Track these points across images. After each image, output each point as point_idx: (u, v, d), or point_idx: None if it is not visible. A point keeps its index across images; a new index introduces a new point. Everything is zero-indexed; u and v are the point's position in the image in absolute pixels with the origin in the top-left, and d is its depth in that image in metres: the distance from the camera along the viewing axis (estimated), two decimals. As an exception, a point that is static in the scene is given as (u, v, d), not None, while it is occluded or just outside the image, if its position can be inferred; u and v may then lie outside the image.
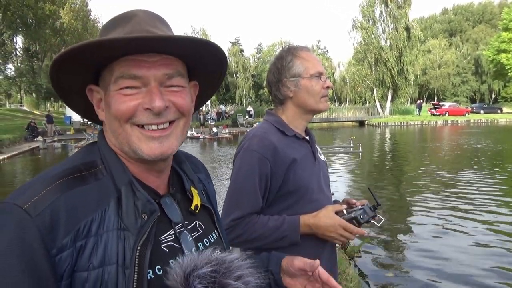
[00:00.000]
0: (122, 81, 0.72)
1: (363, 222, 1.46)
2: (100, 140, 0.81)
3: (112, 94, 0.73)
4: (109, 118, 0.75)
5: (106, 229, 0.68)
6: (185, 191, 0.87)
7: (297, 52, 1.55)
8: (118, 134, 0.75)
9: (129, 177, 0.75)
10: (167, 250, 0.76)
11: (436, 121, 36.35)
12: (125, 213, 0.70)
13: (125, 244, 0.69)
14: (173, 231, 0.79)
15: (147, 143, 0.74)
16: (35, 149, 20.01)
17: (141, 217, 0.71)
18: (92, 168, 0.74)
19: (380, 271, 4.88)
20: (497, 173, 11.25)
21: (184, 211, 0.84)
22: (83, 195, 0.68)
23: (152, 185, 0.80)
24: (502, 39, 44.91)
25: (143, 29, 0.73)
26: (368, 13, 40.75)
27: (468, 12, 78.09)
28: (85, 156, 0.77)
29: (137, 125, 0.74)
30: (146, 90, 0.73)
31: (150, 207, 0.73)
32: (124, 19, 0.75)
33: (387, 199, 8.53)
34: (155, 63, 0.72)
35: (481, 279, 4.55)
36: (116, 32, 0.74)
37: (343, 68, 71.26)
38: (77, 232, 0.65)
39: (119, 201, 0.71)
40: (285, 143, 1.50)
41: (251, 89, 54.21)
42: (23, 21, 37.74)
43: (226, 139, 24.36)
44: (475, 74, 68.44)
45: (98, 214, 0.68)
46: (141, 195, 0.73)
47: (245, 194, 1.44)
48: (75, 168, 0.72)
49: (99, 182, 0.72)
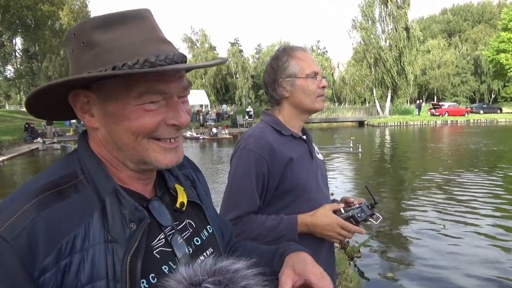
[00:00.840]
0: (147, 96, 0.68)
1: (360, 221, 1.47)
2: (80, 148, 0.76)
3: (129, 107, 0.68)
4: (118, 130, 0.70)
5: (92, 243, 0.64)
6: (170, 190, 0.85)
7: (292, 52, 1.55)
8: (129, 147, 0.71)
9: (114, 185, 0.70)
10: (159, 256, 0.73)
11: (435, 121, 36.34)
12: (111, 224, 0.66)
13: (114, 257, 0.65)
14: (163, 234, 0.76)
15: (165, 155, 0.73)
16: (35, 151, 20.01)
17: (129, 227, 0.67)
18: (71, 180, 0.69)
19: (380, 271, 4.88)
20: (496, 174, 11.26)
21: (173, 211, 0.81)
22: (62, 211, 0.64)
23: (139, 191, 0.77)
24: (501, 39, 44.91)
25: (159, 37, 0.71)
26: (368, 13, 40.77)
27: (467, 12, 78.15)
28: (64, 167, 0.72)
29: (153, 137, 0.71)
30: (166, 104, 0.71)
31: (138, 214, 0.69)
32: (135, 16, 0.70)
33: (386, 199, 8.54)
34: (175, 76, 0.71)
35: (481, 280, 4.55)
36: (125, 30, 0.68)
37: (342, 68, 71.39)
38: (59, 251, 0.61)
39: (104, 211, 0.67)
40: (282, 143, 1.51)
41: (250, 90, 54.31)
42: (22, 22, 37.82)
43: (226, 139, 24.38)
44: (475, 74, 68.48)
45: (81, 229, 0.64)
46: (128, 203, 0.69)
47: (242, 194, 1.44)
48: (52, 183, 0.67)
49: (80, 194, 0.67)
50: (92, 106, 0.72)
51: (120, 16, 0.69)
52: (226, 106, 43.64)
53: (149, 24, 0.71)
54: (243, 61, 56.42)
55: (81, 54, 0.69)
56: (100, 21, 0.68)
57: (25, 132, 23.70)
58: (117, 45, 0.67)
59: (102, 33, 0.67)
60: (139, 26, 0.69)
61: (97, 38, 0.67)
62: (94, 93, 0.70)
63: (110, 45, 0.67)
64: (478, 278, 4.57)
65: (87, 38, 0.68)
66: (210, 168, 13.30)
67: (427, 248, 5.53)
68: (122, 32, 0.68)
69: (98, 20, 0.68)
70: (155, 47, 0.68)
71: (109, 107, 0.69)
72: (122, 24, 0.68)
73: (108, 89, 0.69)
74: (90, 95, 0.71)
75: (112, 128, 0.71)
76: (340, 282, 3.86)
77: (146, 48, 0.67)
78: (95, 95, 0.70)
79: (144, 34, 0.69)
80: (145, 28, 0.70)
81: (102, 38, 0.67)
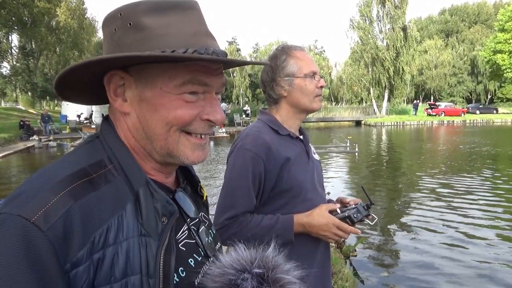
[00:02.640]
0: (190, 86, 0.67)
1: (356, 221, 1.47)
2: (107, 134, 0.72)
3: (169, 96, 0.66)
4: (152, 118, 0.68)
5: (126, 236, 0.62)
6: (191, 183, 0.86)
7: (291, 51, 1.55)
8: (160, 138, 0.69)
9: (145, 177, 0.68)
10: (184, 249, 0.72)
11: (432, 121, 36.47)
12: (145, 217, 0.64)
13: (147, 252, 0.63)
14: (186, 226, 0.76)
15: (193, 151, 0.71)
16: (31, 148, 19.90)
17: (162, 221, 0.66)
18: (100, 169, 0.66)
19: (375, 271, 4.89)
20: (494, 175, 11.32)
21: (195, 203, 0.82)
22: (96, 202, 0.61)
23: (163, 182, 0.76)
24: (498, 40, 45.10)
25: (207, 31, 0.70)
26: (365, 13, 40.85)
27: (464, 12, 78.38)
28: (90, 155, 0.68)
29: (184, 131, 0.70)
30: (204, 98, 0.70)
31: (169, 208, 0.68)
32: (185, 6, 0.68)
33: (383, 199, 8.56)
34: (217, 70, 0.71)
35: (476, 280, 4.57)
36: (176, 17, 0.66)
37: (340, 68, 71.51)
38: (92, 244, 0.58)
39: (136, 204, 0.65)
40: (279, 142, 1.50)
41: (247, 89, 54.25)
42: (18, 19, 37.60)
43: (223, 138, 24.36)
44: (471, 75, 68.74)
45: (114, 220, 0.61)
46: (160, 196, 0.67)
47: (239, 193, 1.44)
48: (83, 171, 0.63)
49: (110, 185, 0.65)
50: (126, 90, 0.69)
51: (173, 3, 0.67)
52: (225, 105, 43.57)
53: (199, 16, 0.70)
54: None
55: (124, 35, 0.66)
56: (151, 4, 0.66)
57: (21, 130, 23.60)
58: (167, 32, 0.65)
59: (153, 17, 0.65)
60: (190, 17, 0.68)
61: (147, 22, 0.65)
62: (132, 76, 0.68)
63: (160, 31, 0.65)
64: (473, 278, 4.60)
65: (136, 20, 0.65)
66: (207, 166, 13.29)
67: (423, 248, 5.55)
68: (173, 20, 0.66)
69: (151, 4, 0.66)
70: (204, 40, 0.68)
71: (147, 92, 0.67)
72: (173, 12, 0.66)
73: (149, 74, 0.67)
74: (128, 78, 0.68)
75: (146, 115, 0.68)
76: (336, 281, 3.87)
77: (195, 39, 0.66)
78: (132, 78, 0.68)
79: (195, 26, 0.68)
80: (195, 20, 0.68)
81: (152, 23, 0.65)
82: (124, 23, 0.66)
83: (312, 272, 1.53)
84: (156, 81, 0.66)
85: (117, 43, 0.67)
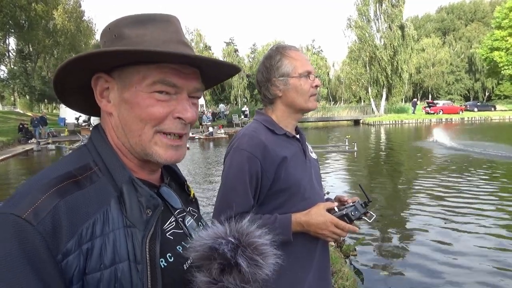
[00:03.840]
0: (159, 86, 0.74)
1: (354, 219, 1.47)
2: (96, 136, 0.81)
3: (141, 94, 0.74)
4: (129, 116, 0.76)
5: (111, 228, 0.69)
6: (177, 182, 0.94)
7: (285, 51, 1.55)
8: (135, 135, 0.76)
9: (129, 174, 0.75)
10: (172, 238, 0.79)
11: (430, 120, 36.52)
12: (129, 210, 0.71)
13: (133, 241, 0.70)
14: (173, 217, 0.83)
15: (166, 150, 0.77)
16: (29, 151, 19.87)
17: (146, 213, 0.73)
18: (85, 171, 0.73)
19: (375, 270, 4.89)
20: (492, 172, 11.33)
21: (182, 200, 0.89)
22: (81, 199, 0.68)
23: (147, 179, 0.82)
24: (495, 37, 45.16)
25: (180, 39, 0.78)
26: (363, 11, 40.88)
27: (461, 10, 78.55)
28: (76, 160, 0.75)
29: (160, 131, 0.76)
30: (176, 98, 0.77)
31: (153, 202, 0.75)
32: (162, 19, 0.79)
33: (382, 197, 8.57)
34: (189, 75, 0.78)
35: (477, 278, 4.58)
36: (152, 28, 0.76)
37: (337, 67, 71.54)
38: (80, 236, 0.65)
39: (120, 199, 0.72)
40: (275, 142, 1.50)
41: (246, 89, 54.23)
42: (15, 23, 37.52)
43: (222, 139, 24.36)
44: (469, 72, 68.89)
45: (100, 215, 0.68)
46: (144, 191, 0.74)
47: (236, 194, 1.44)
48: (68, 174, 0.70)
49: (95, 184, 0.71)
50: (110, 92, 0.78)
51: (151, 17, 0.78)
52: (223, 105, 43.55)
53: (174, 27, 0.79)
54: (238, 60, 56.33)
55: (111, 45, 0.76)
56: (132, 19, 0.77)
57: (20, 133, 23.56)
58: (143, 40, 0.75)
59: (132, 28, 0.76)
60: (165, 28, 0.77)
61: (127, 32, 0.75)
62: (114, 79, 0.77)
63: (137, 39, 0.75)
64: (475, 276, 4.60)
65: (119, 32, 0.76)
66: (206, 167, 13.29)
67: (423, 246, 5.56)
68: (150, 30, 0.76)
69: (131, 18, 0.77)
70: (175, 46, 0.76)
71: (125, 93, 0.75)
72: (151, 24, 0.76)
73: (127, 76, 0.75)
74: (111, 81, 0.77)
75: (125, 114, 0.76)
76: (336, 280, 3.87)
77: (167, 45, 0.75)
78: (115, 81, 0.77)
79: (168, 35, 0.77)
80: (170, 30, 0.78)
81: (131, 33, 0.75)
82: (111, 35, 0.77)
83: (311, 271, 1.53)
84: (132, 82, 0.75)
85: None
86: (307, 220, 1.46)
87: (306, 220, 1.46)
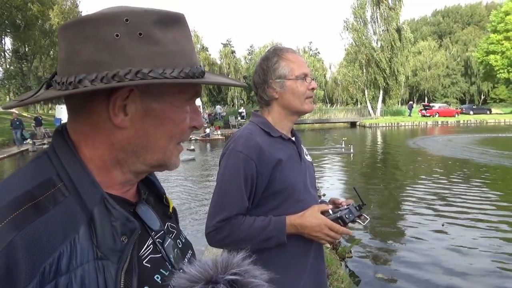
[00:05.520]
0: (194, 99, 0.70)
1: (348, 222, 1.47)
2: (58, 148, 0.65)
3: (176, 110, 0.67)
4: (156, 132, 0.66)
5: (80, 262, 0.56)
6: (155, 194, 0.82)
7: (282, 53, 1.55)
8: (159, 152, 0.68)
9: (101, 193, 0.62)
10: (150, 266, 0.68)
11: (426, 122, 36.69)
12: (101, 238, 0.59)
13: (105, 276, 0.58)
14: (151, 239, 0.71)
15: (177, 157, 0.73)
16: (25, 152, 19.78)
17: (121, 240, 0.61)
18: (48, 189, 0.59)
19: (371, 272, 4.91)
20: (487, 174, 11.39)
21: (159, 214, 0.78)
22: (43, 228, 0.55)
23: (122, 195, 0.70)
24: (490, 41, 45.49)
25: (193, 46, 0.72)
26: (360, 14, 41.02)
27: (457, 14, 78.96)
28: (36, 173, 0.61)
29: (179, 142, 0.72)
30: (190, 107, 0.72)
31: (130, 226, 0.62)
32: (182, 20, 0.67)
33: (377, 200, 8.59)
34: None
35: (471, 279, 4.60)
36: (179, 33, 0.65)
37: (334, 70, 71.72)
38: (42, 276, 0.52)
39: (90, 225, 0.59)
40: (271, 144, 1.50)
41: (242, 91, 54.23)
42: (11, 23, 37.36)
43: (218, 140, 24.34)
44: (465, 76, 69.22)
45: (66, 246, 0.56)
46: (118, 213, 0.62)
47: (231, 196, 1.44)
48: (27, 195, 0.57)
49: (60, 206, 0.58)
50: (129, 104, 0.63)
51: (176, 18, 0.65)
52: (220, 107, 43.52)
53: (189, 31, 0.70)
54: (235, 62, 56.42)
55: (133, 45, 0.60)
56: (158, 16, 0.62)
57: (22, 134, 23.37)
58: (178, 49, 0.64)
59: (164, 31, 0.62)
60: (187, 32, 0.68)
61: (159, 35, 0.62)
62: (138, 90, 0.63)
63: (172, 48, 0.63)
64: (468, 277, 4.62)
65: (147, 31, 0.61)
66: (201, 169, 13.27)
67: (418, 249, 5.58)
68: (178, 35, 0.65)
69: (156, 15, 0.62)
70: (196, 58, 0.70)
71: (155, 106, 0.65)
72: (176, 27, 0.65)
73: (159, 89, 0.65)
74: (133, 92, 0.63)
75: (149, 130, 0.65)
76: (332, 282, 3.87)
77: (194, 57, 0.68)
78: (138, 92, 0.63)
79: (191, 42, 0.69)
80: (189, 35, 0.69)
81: (164, 37, 0.62)
82: (131, 31, 0.60)
83: (306, 273, 1.53)
84: (165, 96, 0.65)
85: (123, 53, 0.60)
86: (302, 222, 1.46)
87: (301, 223, 1.46)
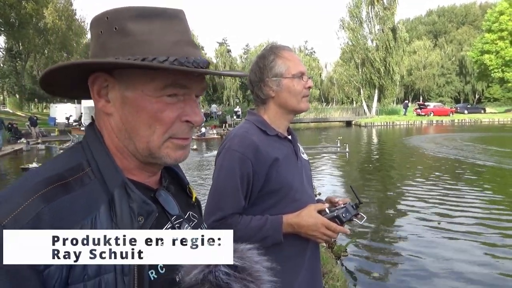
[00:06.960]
0: (170, 89, 0.69)
1: (345, 221, 1.47)
2: (89, 137, 0.74)
3: (149, 99, 0.68)
4: (134, 121, 0.70)
5: None
6: (179, 184, 0.88)
7: (279, 51, 1.54)
8: (143, 141, 0.71)
9: (122, 178, 0.70)
10: None
11: (421, 121, 36.85)
12: (119, 217, 0.66)
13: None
14: (170, 224, 0.77)
15: (175, 151, 0.73)
16: (19, 151, 19.64)
17: (138, 220, 0.67)
18: (77, 173, 0.67)
19: (366, 270, 4.92)
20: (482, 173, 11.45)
21: (181, 203, 0.83)
22: (68, 204, 0.62)
23: (145, 182, 0.77)
24: (485, 41, 45.73)
25: (189, 41, 0.72)
26: (355, 13, 41.11)
27: (452, 13, 79.30)
28: (69, 159, 0.70)
29: (171, 137, 0.72)
30: (184, 100, 0.72)
31: (146, 208, 0.69)
32: (171, 14, 0.71)
33: (373, 199, 8.61)
34: (199, 76, 0.73)
35: (468, 279, 4.61)
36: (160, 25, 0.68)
37: (330, 69, 71.88)
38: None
39: (111, 205, 0.67)
40: (267, 143, 1.49)
41: (238, 90, 54.25)
42: (5, 21, 37.05)
43: (214, 139, 24.30)
44: (459, 75, 69.57)
45: (87, 221, 0.63)
46: (136, 196, 0.69)
47: (227, 195, 1.43)
48: (58, 176, 0.65)
49: (85, 187, 0.66)
50: (110, 91, 0.71)
51: (159, 11, 0.69)
52: (216, 106, 43.47)
53: (183, 25, 0.72)
54: (231, 61, 56.35)
55: (109, 39, 0.68)
56: (137, 11, 0.68)
57: (9, 133, 23.23)
58: (150, 39, 0.67)
59: (138, 23, 0.67)
60: (174, 25, 0.70)
61: (132, 27, 0.67)
62: (115, 78, 0.70)
63: (143, 38, 0.67)
64: (465, 277, 4.63)
65: (121, 25, 0.67)
66: (197, 168, 13.24)
67: (414, 247, 5.59)
68: (157, 27, 0.68)
69: (135, 10, 0.68)
70: (185, 49, 0.70)
71: (128, 94, 0.69)
72: (158, 19, 0.68)
73: (130, 76, 0.69)
74: (111, 80, 0.70)
75: (129, 117, 0.70)
76: (327, 281, 3.88)
77: (177, 48, 0.69)
78: (115, 80, 0.70)
79: (178, 35, 0.70)
80: (179, 28, 0.71)
81: (136, 29, 0.67)
82: (110, 27, 0.68)
83: (302, 272, 1.52)
84: (137, 84, 0.68)
85: (102, 46, 0.69)
86: (298, 221, 1.45)
87: (297, 222, 1.45)
